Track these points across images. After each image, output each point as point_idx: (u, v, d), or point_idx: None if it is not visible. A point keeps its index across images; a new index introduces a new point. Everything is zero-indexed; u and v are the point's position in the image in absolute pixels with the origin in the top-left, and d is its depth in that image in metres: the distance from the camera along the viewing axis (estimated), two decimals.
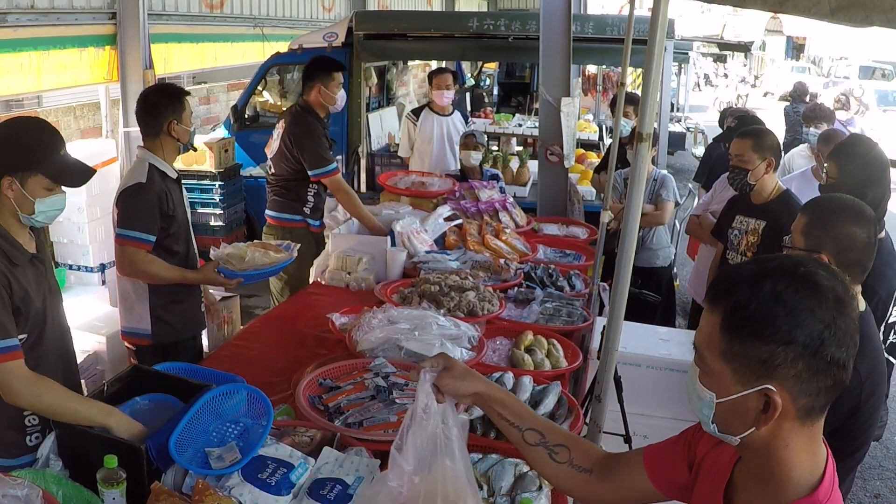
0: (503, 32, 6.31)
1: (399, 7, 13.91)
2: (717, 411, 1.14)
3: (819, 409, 1.10)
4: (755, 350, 1.06)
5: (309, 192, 4.21)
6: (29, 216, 2.14)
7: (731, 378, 1.10)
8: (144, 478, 1.74)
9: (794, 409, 1.08)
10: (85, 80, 5.84)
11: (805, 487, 1.11)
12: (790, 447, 1.11)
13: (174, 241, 2.98)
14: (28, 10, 5.13)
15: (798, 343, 1.04)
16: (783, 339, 1.05)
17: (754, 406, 1.09)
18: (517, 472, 1.96)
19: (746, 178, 3.34)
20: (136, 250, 2.82)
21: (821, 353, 1.05)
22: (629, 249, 1.79)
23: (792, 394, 1.07)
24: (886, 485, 4.15)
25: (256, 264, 2.98)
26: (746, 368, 1.08)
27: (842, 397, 1.88)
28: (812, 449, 1.13)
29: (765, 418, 1.08)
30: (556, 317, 3.11)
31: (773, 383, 1.06)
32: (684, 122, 13.15)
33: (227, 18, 8.21)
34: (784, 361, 1.05)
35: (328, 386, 2.31)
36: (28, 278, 2.14)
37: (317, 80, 4.15)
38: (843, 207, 2.09)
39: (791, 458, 1.11)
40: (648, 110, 1.71)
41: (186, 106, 3.00)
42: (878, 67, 24.46)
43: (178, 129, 2.96)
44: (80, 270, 5.75)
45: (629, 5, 3.78)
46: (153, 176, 2.89)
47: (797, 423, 1.10)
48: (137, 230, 2.82)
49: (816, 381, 1.06)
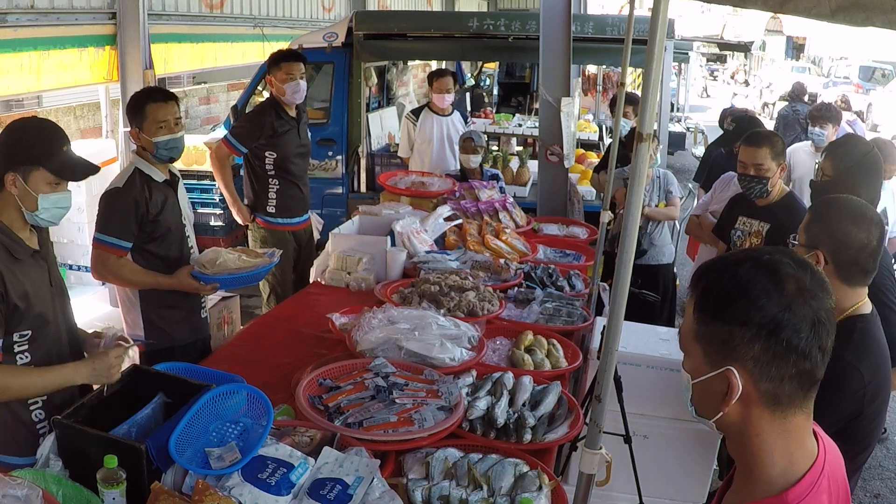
0: (503, 32, 6.31)
1: (399, 7, 13.91)
2: (694, 392, 1.20)
3: (787, 399, 1.12)
4: (717, 330, 1.12)
5: (270, 191, 4.24)
6: (33, 213, 2.15)
7: (702, 359, 1.16)
8: (144, 478, 1.74)
9: (757, 393, 1.11)
10: (85, 80, 5.84)
11: (776, 486, 1.12)
12: (762, 437, 1.13)
13: (163, 245, 2.92)
14: (28, 10, 5.12)
15: (753, 324, 1.09)
16: (739, 320, 1.10)
17: (720, 388, 1.14)
18: (517, 472, 1.96)
19: (766, 187, 3.26)
20: (108, 255, 2.81)
21: (776, 336, 1.08)
22: (629, 249, 1.79)
23: (752, 376, 1.11)
24: (886, 485, 4.15)
25: (229, 268, 2.91)
26: (712, 349, 1.14)
27: (844, 400, 1.89)
28: (788, 446, 1.13)
29: (726, 399, 1.12)
30: (556, 317, 3.11)
31: (734, 364, 1.11)
32: (684, 122, 13.15)
33: (227, 18, 8.21)
34: (741, 342, 1.10)
35: (328, 386, 2.31)
36: (29, 274, 2.15)
37: (269, 72, 4.22)
38: (844, 207, 2.09)
39: (763, 451, 1.13)
40: (648, 110, 1.71)
41: (148, 113, 2.85)
42: (879, 67, 24.43)
43: (142, 138, 2.87)
44: (80, 270, 5.76)
45: (629, 5, 3.78)
46: (134, 181, 2.84)
47: (766, 412, 1.12)
48: (110, 235, 2.80)
49: (776, 366, 1.09)
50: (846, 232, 2.02)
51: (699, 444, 2.67)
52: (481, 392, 2.34)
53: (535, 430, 2.20)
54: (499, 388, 2.36)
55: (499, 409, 2.22)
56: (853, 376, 1.90)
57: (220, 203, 6.30)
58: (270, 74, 4.20)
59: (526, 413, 2.24)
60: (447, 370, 2.44)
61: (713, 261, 1.21)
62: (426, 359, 2.49)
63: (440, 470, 1.98)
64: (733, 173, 4.03)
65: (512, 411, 2.26)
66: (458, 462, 2.00)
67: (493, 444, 2.14)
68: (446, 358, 2.49)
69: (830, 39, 27.32)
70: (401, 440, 2.05)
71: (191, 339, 3.10)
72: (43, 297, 2.19)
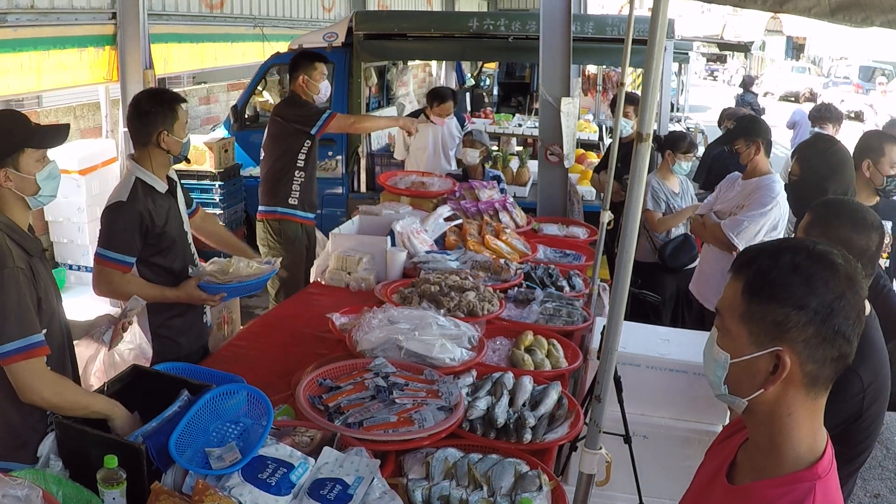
0: (503, 32, 6.31)
1: (399, 7, 13.90)
2: (731, 372, 1.23)
3: (823, 380, 1.18)
4: (771, 312, 1.16)
5: (294, 182, 4.34)
6: (35, 196, 2.15)
7: (746, 339, 1.20)
8: (144, 478, 1.74)
9: (801, 373, 1.16)
10: (85, 80, 5.84)
11: (805, 461, 1.19)
12: (793, 416, 1.19)
13: (168, 257, 2.85)
14: (28, 10, 5.12)
15: (810, 309, 1.14)
16: (797, 304, 1.15)
17: (765, 367, 1.18)
18: (517, 472, 1.96)
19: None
20: (112, 271, 2.71)
21: (830, 321, 1.14)
22: (629, 249, 1.79)
23: (801, 357, 1.16)
24: (886, 485, 4.15)
25: (241, 275, 2.86)
26: (761, 330, 1.18)
27: (844, 402, 1.89)
28: (814, 426, 1.21)
29: (773, 378, 1.17)
30: (556, 317, 3.11)
31: (784, 345, 1.16)
32: (684, 122, 13.14)
33: (227, 18, 8.21)
34: (796, 325, 1.15)
35: (328, 386, 2.31)
36: (39, 270, 2.14)
37: (300, 70, 4.33)
38: (845, 211, 2.09)
39: (793, 429, 1.19)
40: (648, 110, 1.71)
41: (180, 115, 2.81)
42: (878, 67, 24.44)
43: (169, 141, 2.79)
44: (80, 270, 5.76)
45: (629, 5, 3.78)
46: (136, 193, 2.73)
47: (801, 392, 1.18)
48: (114, 251, 2.70)
49: (823, 350, 1.15)
50: (846, 237, 2.02)
51: (699, 444, 2.67)
52: (481, 392, 2.34)
53: (535, 430, 2.20)
54: (499, 389, 2.36)
55: (499, 410, 2.22)
56: (853, 380, 1.90)
57: (220, 203, 6.30)
58: (304, 73, 4.34)
59: (526, 413, 2.24)
60: (447, 370, 2.44)
61: (759, 247, 1.25)
62: (426, 359, 2.49)
63: (440, 470, 1.98)
64: (738, 174, 4.04)
65: (512, 411, 2.26)
66: (459, 462, 2.00)
67: (493, 444, 2.14)
68: (446, 358, 2.49)
69: (830, 39, 27.36)
70: (401, 440, 2.05)
71: (195, 345, 3.07)
72: (49, 293, 2.17)
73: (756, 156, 3.82)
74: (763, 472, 1.22)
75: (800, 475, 1.17)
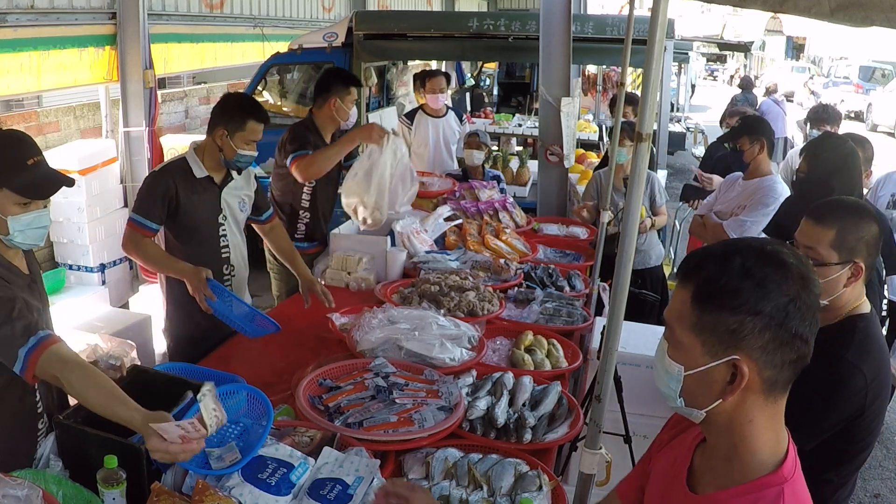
0: (503, 32, 6.31)
1: (399, 7, 13.90)
2: (685, 384, 1.17)
3: (782, 384, 1.14)
4: (724, 321, 1.11)
5: (300, 223, 4.05)
6: (6, 237, 1.96)
7: (700, 350, 1.14)
8: (144, 478, 1.74)
9: (760, 380, 1.12)
10: (85, 80, 5.84)
11: (769, 465, 1.14)
12: (754, 423, 1.14)
13: (189, 238, 3.02)
14: (28, 10, 5.12)
15: (765, 314, 1.09)
16: (751, 310, 1.09)
17: (721, 378, 1.13)
18: (517, 472, 1.96)
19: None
20: (133, 232, 2.92)
21: (786, 324, 1.09)
22: (629, 249, 1.79)
23: (758, 364, 1.11)
24: (886, 485, 4.15)
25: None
26: (715, 339, 1.12)
27: (847, 399, 1.89)
28: (775, 428, 1.16)
29: (731, 389, 1.12)
30: (556, 317, 3.11)
31: (740, 354, 1.11)
32: (684, 122, 13.14)
33: (227, 18, 8.21)
34: (752, 331, 1.09)
35: (328, 386, 2.31)
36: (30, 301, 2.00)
37: (333, 92, 3.90)
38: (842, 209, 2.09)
39: (754, 435, 1.14)
40: (648, 110, 1.70)
41: (247, 129, 2.96)
42: (878, 67, 24.43)
43: (224, 142, 2.97)
44: (80, 270, 5.76)
45: (629, 5, 3.78)
46: (172, 167, 3.00)
47: (761, 398, 1.13)
48: (140, 214, 2.92)
49: (781, 354, 1.10)
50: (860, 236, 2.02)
51: None
52: (481, 392, 2.34)
53: (535, 430, 2.20)
54: (499, 388, 2.36)
55: (499, 409, 2.22)
56: (855, 376, 1.90)
57: None
58: (337, 97, 3.89)
59: (526, 413, 2.24)
60: (447, 370, 2.44)
61: (706, 250, 1.18)
62: (426, 359, 2.49)
63: (440, 470, 1.98)
64: (738, 174, 4.05)
65: (512, 411, 2.26)
66: (459, 462, 2.00)
67: (493, 444, 2.14)
68: (446, 358, 2.49)
69: (830, 39, 27.37)
70: (401, 440, 2.05)
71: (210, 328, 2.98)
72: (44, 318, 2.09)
73: (759, 154, 3.86)
74: (727, 480, 1.17)
75: (766, 480, 1.12)
